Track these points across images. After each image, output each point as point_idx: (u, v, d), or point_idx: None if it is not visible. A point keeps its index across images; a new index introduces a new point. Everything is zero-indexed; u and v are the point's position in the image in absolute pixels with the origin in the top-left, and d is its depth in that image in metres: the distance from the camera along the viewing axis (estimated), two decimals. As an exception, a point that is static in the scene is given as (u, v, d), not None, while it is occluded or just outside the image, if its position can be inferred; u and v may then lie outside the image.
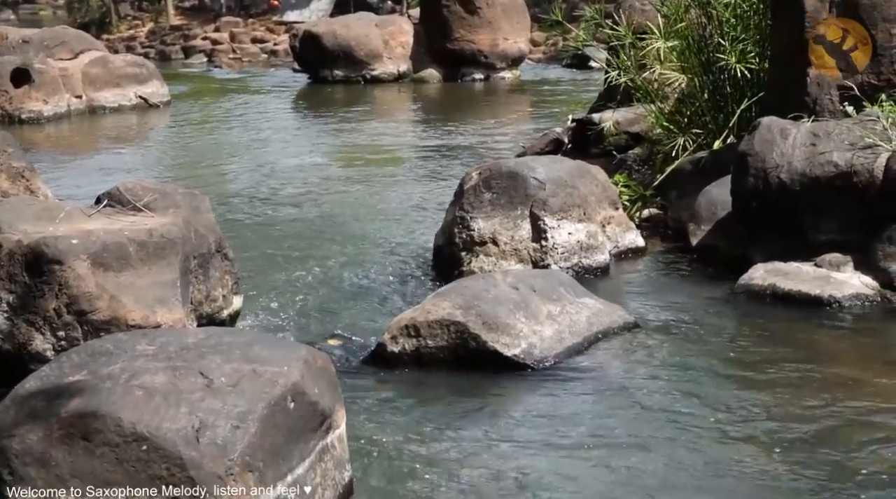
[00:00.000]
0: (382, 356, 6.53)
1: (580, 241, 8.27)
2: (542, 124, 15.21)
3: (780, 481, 5.00)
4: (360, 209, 10.83)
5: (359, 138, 15.59)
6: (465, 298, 6.59)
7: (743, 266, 7.87)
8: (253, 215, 10.66)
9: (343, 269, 8.59)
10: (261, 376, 4.36)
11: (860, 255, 7.60)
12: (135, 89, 19.03)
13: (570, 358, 6.51)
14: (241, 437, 4.10)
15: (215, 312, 6.73)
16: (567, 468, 5.16)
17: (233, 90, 21.52)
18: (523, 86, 21.48)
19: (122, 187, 6.92)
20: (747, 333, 7.07)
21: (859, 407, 5.76)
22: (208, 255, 6.69)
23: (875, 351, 6.75)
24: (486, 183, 8.33)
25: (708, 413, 5.74)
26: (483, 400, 6.06)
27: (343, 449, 4.80)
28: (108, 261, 6.07)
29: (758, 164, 7.96)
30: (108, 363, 4.40)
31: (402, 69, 22.25)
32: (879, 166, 7.55)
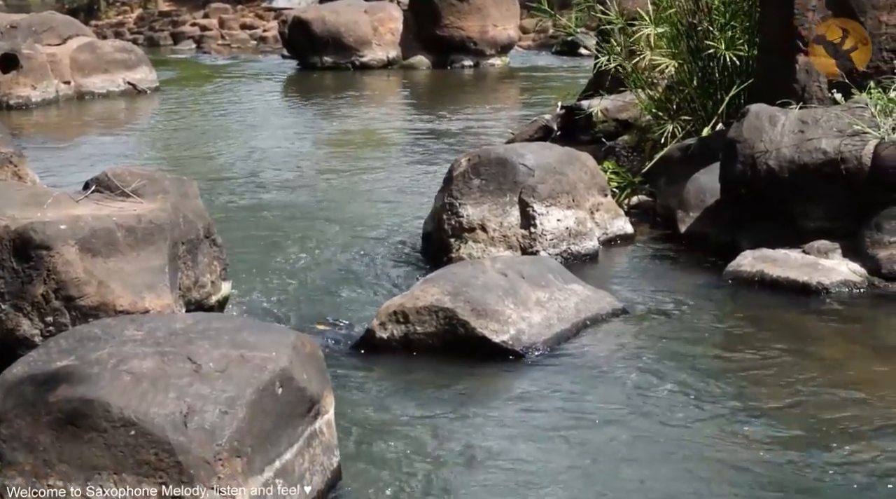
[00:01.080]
0: (371, 342, 6.53)
1: (569, 227, 8.28)
2: (532, 111, 15.20)
3: (765, 465, 5.01)
4: (349, 195, 10.82)
5: (348, 124, 15.57)
6: (454, 284, 6.59)
7: (731, 253, 7.89)
8: (242, 201, 10.65)
9: (332, 255, 8.59)
10: (249, 361, 4.37)
11: (848, 242, 7.62)
12: (123, 75, 18.96)
13: (559, 344, 6.52)
14: (229, 422, 4.11)
15: (204, 298, 6.73)
16: (555, 453, 5.18)
17: (222, 76, 21.46)
18: (512, 73, 21.46)
19: (111, 173, 6.90)
20: (735, 320, 7.08)
21: (846, 392, 5.78)
22: (197, 240, 6.68)
23: (862, 337, 6.78)
24: (475, 169, 8.33)
25: (696, 399, 5.76)
26: (471, 386, 6.07)
27: (331, 435, 4.81)
28: (96, 246, 6.05)
29: (746, 151, 7.97)
30: (96, 349, 4.40)
31: (391, 56, 22.20)
32: (868, 153, 7.57)
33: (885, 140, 7.56)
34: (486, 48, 22.01)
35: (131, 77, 19.02)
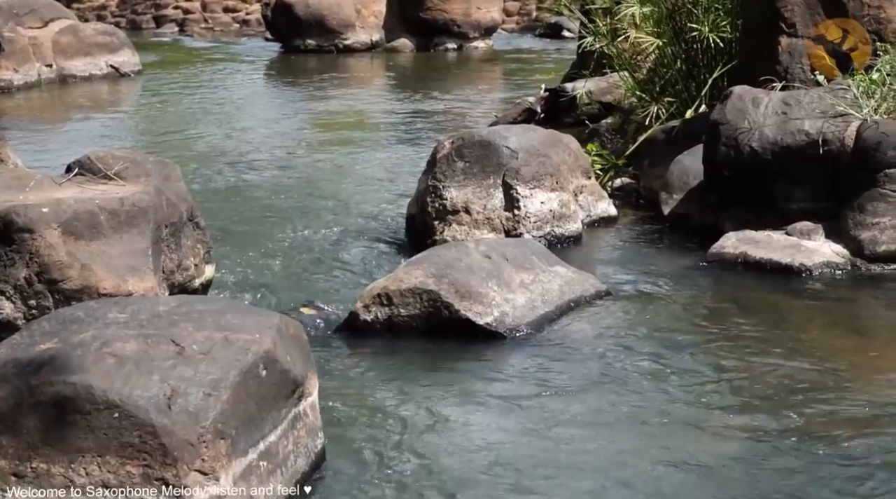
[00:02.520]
0: (355, 325, 6.53)
1: (552, 210, 8.28)
2: (515, 94, 15.19)
3: (747, 445, 5.04)
4: (333, 179, 10.81)
5: (331, 107, 15.54)
6: (438, 266, 6.59)
7: (714, 235, 7.91)
8: (225, 184, 10.63)
9: (316, 237, 8.58)
10: (233, 343, 4.36)
11: (831, 223, 7.64)
12: (106, 58, 18.87)
13: (543, 326, 6.53)
14: (213, 404, 4.10)
15: (187, 282, 6.72)
16: (536, 435, 5.19)
17: (204, 60, 21.37)
18: (496, 56, 21.43)
19: (93, 156, 6.88)
20: (718, 302, 7.11)
21: (827, 373, 5.81)
22: (180, 223, 6.66)
23: (844, 318, 6.80)
24: (458, 152, 8.32)
25: (679, 380, 5.78)
26: (455, 368, 6.08)
27: (315, 417, 4.81)
28: (79, 229, 6.04)
29: (729, 132, 7.98)
30: (80, 331, 4.39)
31: (374, 39, 22.13)
32: (850, 135, 7.59)
33: (868, 121, 7.58)
34: (470, 31, 21.96)
35: (114, 60, 18.93)
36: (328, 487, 4.71)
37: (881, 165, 7.42)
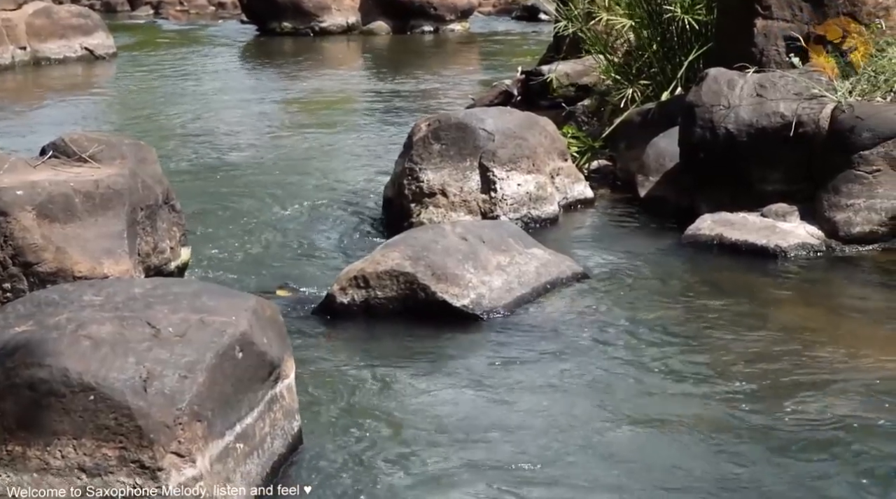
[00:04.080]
0: (332, 307, 6.53)
1: (529, 192, 8.29)
2: (492, 76, 15.18)
3: (721, 425, 5.06)
4: (310, 161, 10.79)
5: (308, 90, 15.51)
6: (415, 248, 6.59)
7: (690, 216, 7.93)
8: (201, 167, 10.60)
9: (292, 220, 8.58)
10: (209, 325, 4.35)
11: (806, 205, 7.67)
12: (80, 41, 18.79)
13: (519, 308, 6.54)
14: (189, 386, 4.09)
15: (163, 264, 6.70)
16: (512, 417, 5.20)
17: (180, 42, 21.31)
18: (473, 38, 21.43)
19: (68, 138, 6.84)
20: (694, 283, 7.13)
21: (803, 353, 5.84)
22: (155, 206, 6.64)
23: (819, 299, 6.84)
24: (434, 134, 8.32)
25: (655, 362, 5.80)
26: (432, 350, 6.08)
27: (292, 399, 4.81)
28: (53, 212, 6.02)
29: (705, 114, 7.99)
30: (55, 314, 4.38)
31: (350, 21, 22.10)
32: (825, 117, 7.61)
33: (843, 104, 7.60)
34: (446, 13, 21.95)
35: (88, 43, 18.85)
36: (305, 469, 4.70)
37: (856, 146, 7.45)
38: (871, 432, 4.97)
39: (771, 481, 4.57)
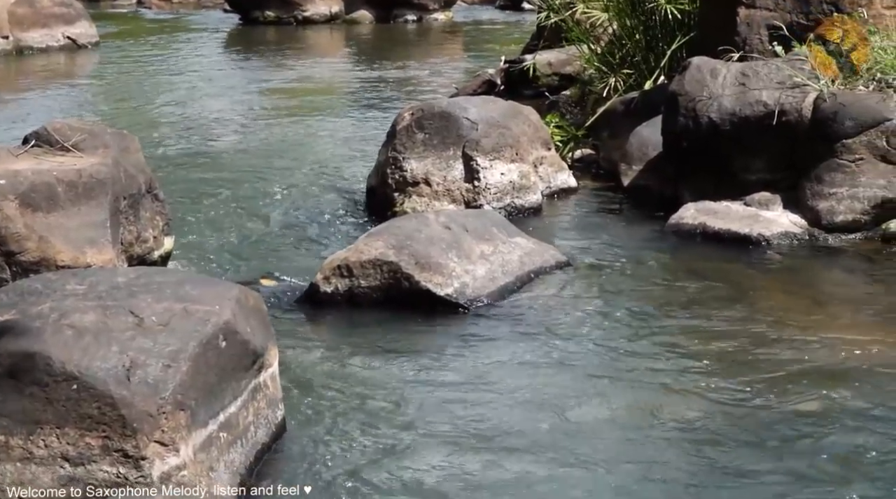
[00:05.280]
0: (315, 296, 6.53)
1: (512, 181, 8.30)
2: (475, 65, 15.18)
3: (703, 413, 5.08)
4: (293, 150, 10.77)
5: (291, 79, 15.48)
6: (398, 237, 6.59)
7: (674, 205, 7.94)
8: (184, 156, 10.57)
9: (276, 209, 8.57)
10: (192, 314, 4.35)
11: (788, 193, 7.69)
12: (63, 30, 18.71)
13: (503, 297, 6.55)
14: (172, 376, 4.09)
15: (146, 254, 6.69)
16: (495, 406, 5.21)
17: (162, 31, 21.24)
18: (456, 27, 21.40)
19: (50, 127, 6.82)
20: (677, 272, 7.14)
21: (784, 341, 5.86)
22: (138, 195, 6.63)
23: (801, 288, 6.86)
24: (418, 123, 8.32)
25: (638, 350, 5.82)
26: (415, 340, 6.09)
27: (276, 388, 4.81)
28: (36, 201, 6.00)
29: (688, 103, 8.00)
30: (38, 303, 4.37)
31: (334, 10, 22.05)
32: (808, 105, 7.63)
33: (825, 92, 7.62)
34: (430, 2, 21.92)
35: (71, 32, 18.76)
36: (288, 457, 4.71)
37: (838, 135, 7.47)
38: (847, 415, 5.01)
39: (739, 459, 4.65)
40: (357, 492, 4.48)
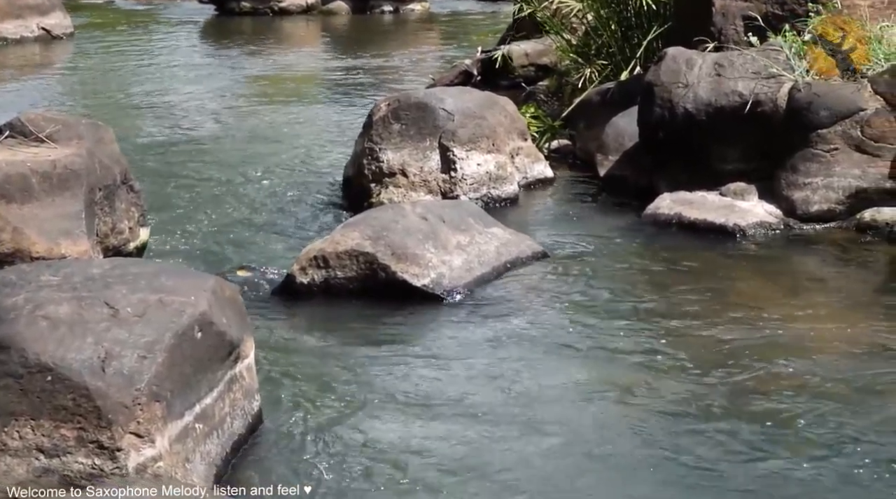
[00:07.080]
0: (292, 287, 6.52)
1: (489, 171, 8.30)
2: (452, 56, 15.17)
3: (682, 403, 5.10)
4: (269, 141, 10.74)
5: (267, 70, 15.43)
6: (374, 228, 6.59)
7: (650, 195, 7.96)
8: (159, 147, 10.54)
9: (252, 200, 8.55)
10: (168, 305, 4.34)
11: (764, 183, 7.71)
12: (37, 21, 18.59)
13: (480, 288, 6.55)
14: (148, 367, 4.09)
15: (122, 245, 6.67)
16: (472, 397, 5.22)
17: (138, 22, 21.14)
18: (433, 18, 21.36)
19: (24, 118, 6.79)
20: (653, 262, 7.16)
21: (761, 330, 5.89)
22: (114, 186, 6.61)
23: (776, 277, 6.88)
24: (394, 114, 8.31)
25: (615, 341, 5.83)
26: (392, 330, 6.09)
27: (252, 379, 4.81)
28: (10, 192, 5.98)
29: (664, 94, 8.01)
30: (12, 294, 4.35)
31: (310, 1, 21.94)
32: (783, 96, 7.65)
33: (800, 83, 7.64)
34: (406, -7, 21.85)
35: (45, 22, 18.65)
36: (265, 448, 4.71)
37: (813, 125, 7.49)
38: (821, 397, 5.11)
39: (712, 443, 4.73)
40: (333, 481, 4.49)
